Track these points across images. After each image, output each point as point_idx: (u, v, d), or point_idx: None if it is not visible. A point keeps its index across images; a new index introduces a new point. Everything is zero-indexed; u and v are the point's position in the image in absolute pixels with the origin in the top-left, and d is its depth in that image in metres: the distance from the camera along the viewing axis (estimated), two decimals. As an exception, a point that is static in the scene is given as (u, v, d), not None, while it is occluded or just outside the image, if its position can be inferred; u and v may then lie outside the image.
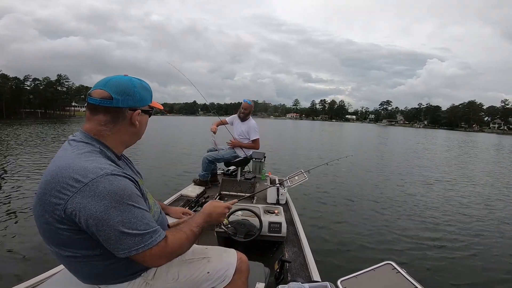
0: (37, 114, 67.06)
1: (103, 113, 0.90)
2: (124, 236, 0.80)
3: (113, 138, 0.93)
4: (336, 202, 5.53)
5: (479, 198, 6.24)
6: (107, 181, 0.78)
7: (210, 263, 1.12)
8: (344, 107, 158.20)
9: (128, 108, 0.92)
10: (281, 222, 2.15)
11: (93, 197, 0.76)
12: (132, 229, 0.80)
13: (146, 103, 0.99)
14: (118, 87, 0.90)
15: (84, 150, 0.85)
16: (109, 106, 0.89)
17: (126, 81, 0.93)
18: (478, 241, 3.89)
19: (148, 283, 0.99)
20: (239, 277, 1.14)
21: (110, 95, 0.89)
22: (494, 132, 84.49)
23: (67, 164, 0.81)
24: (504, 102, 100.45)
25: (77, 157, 0.82)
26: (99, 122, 0.90)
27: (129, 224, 0.80)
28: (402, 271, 1.07)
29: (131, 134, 0.98)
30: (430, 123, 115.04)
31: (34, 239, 3.33)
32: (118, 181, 0.81)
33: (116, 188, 0.79)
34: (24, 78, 68.38)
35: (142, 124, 1.00)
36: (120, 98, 0.90)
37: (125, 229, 0.79)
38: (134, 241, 0.81)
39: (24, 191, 5.44)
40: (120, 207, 0.79)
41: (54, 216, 0.79)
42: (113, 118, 0.91)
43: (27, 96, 67.43)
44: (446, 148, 19.86)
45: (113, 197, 0.78)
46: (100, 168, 0.80)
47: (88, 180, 0.77)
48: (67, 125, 31.50)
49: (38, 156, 9.81)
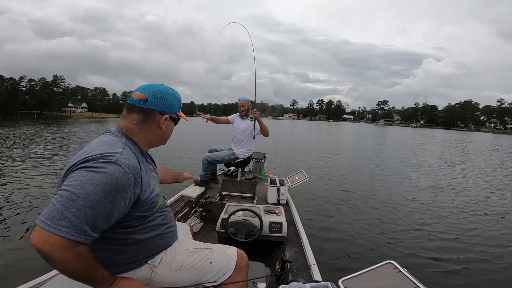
0: (33, 115, 66.45)
1: (137, 113, 1.01)
2: (54, 207, 0.77)
3: (141, 137, 1.03)
4: (337, 201, 5.54)
5: (481, 198, 6.25)
6: (107, 169, 0.83)
7: (213, 254, 1.17)
8: (342, 107, 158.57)
9: (158, 112, 1.03)
10: (282, 222, 2.15)
11: (80, 175, 0.81)
12: (66, 211, 0.77)
13: (175, 110, 1.09)
14: (153, 92, 1.02)
15: (110, 140, 0.95)
16: (143, 107, 1.01)
17: (161, 88, 1.05)
18: (480, 241, 3.90)
19: (153, 270, 1.04)
20: (239, 272, 1.18)
21: (146, 98, 1.01)
22: (490, 132, 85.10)
23: (91, 145, 0.92)
24: (500, 101, 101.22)
25: (101, 143, 0.92)
26: (132, 120, 1.01)
27: (70, 206, 0.77)
28: (404, 270, 1.07)
29: (157, 136, 1.07)
30: (427, 122, 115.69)
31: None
32: (116, 167, 0.85)
33: (103, 182, 0.81)
34: (19, 79, 67.76)
35: (168, 130, 1.09)
36: (153, 101, 1.01)
37: (61, 204, 0.77)
38: (55, 215, 0.76)
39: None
40: (94, 188, 0.79)
41: (61, 184, 0.85)
42: (144, 118, 1.02)
43: (23, 97, 66.78)
44: (446, 148, 19.87)
45: (91, 187, 0.79)
46: (110, 152, 0.88)
47: (100, 162, 0.84)
48: (61, 127, 29.86)
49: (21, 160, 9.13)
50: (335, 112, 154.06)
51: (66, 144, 13.97)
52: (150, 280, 1.05)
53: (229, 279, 1.15)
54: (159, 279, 1.06)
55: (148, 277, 1.04)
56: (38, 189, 5.72)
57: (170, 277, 1.08)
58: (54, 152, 11.02)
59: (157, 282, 1.06)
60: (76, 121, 53.39)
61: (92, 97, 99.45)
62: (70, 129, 26.34)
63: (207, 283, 1.14)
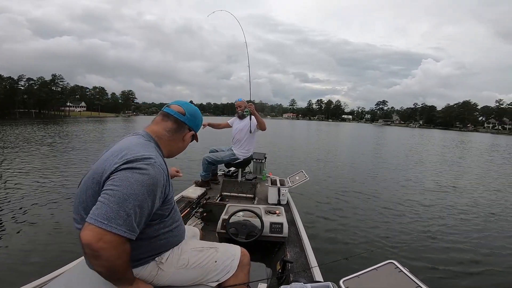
0: (32, 114, 66.17)
1: (172, 122, 1.14)
2: (105, 206, 0.83)
3: (166, 144, 1.13)
4: (338, 202, 5.55)
5: (481, 198, 6.26)
6: (148, 165, 0.93)
7: (218, 253, 1.21)
8: (341, 107, 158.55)
9: (188, 127, 1.18)
10: (283, 222, 2.15)
11: (127, 176, 0.88)
12: (120, 209, 0.83)
13: (196, 130, 1.24)
14: (190, 110, 1.18)
15: (142, 142, 1.03)
16: (179, 119, 1.14)
17: (196, 109, 1.22)
18: (481, 240, 3.91)
19: (160, 268, 1.07)
20: (241, 269, 1.23)
21: (184, 112, 1.16)
22: (489, 132, 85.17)
23: (126, 146, 0.97)
24: (499, 102, 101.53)
25: (136, 144, 1.00)
26: (165, 127, 1.13)
27: (121, 205, 0.84)
28: (405, 270, 1.07)
29: (177, 148, 1.19)
30: (425, 123, 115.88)
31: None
32: (155, 168, 0.94)
33: (148, 181, 0.90)
34: (18, 78, 67.53)
35: (186, 144, 1.22)
36: (189, 117, 1.17)
37: (114, 201, 0.84)
38: (108, 215, 0.82)
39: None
40: (141, 188, 0.88)
41: (101, 182, 0.91)
42: (176, 129, 1.14)
43: (21, 96, 66.53)
44: (445, 149, 19.82)
45: (136, 187, 0.87)
46: (153, 156, 0.97)
47: (142, 160, 0.93)
48: (58, 126, 29.76)
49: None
50: (334, 112, 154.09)
51: (60, 144, 13.86)
52: (156, 277, 1.07)
53: (232, 277, 1.19)
54: (164, 276, 1.08)
55: (155, 274, 1.06)
56: (33, 190, 5.70)
57: (176, 275, 1.10)
58: (48, 153, 10.96)
59: (163, 279, 1.08)
60: (74, 120, 53.17)
61: (91, 97, 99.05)
62: (69, 128, 26.03)
63: (211, 282, 1.16)
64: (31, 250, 3.28)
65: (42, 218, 4.26)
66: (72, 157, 9.87)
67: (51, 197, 5.23)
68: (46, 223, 4.06)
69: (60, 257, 3.04)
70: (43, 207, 4.71)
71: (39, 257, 3.12)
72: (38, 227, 3.94)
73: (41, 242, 3.48)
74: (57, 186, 6.01)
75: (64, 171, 7.48)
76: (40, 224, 4.03)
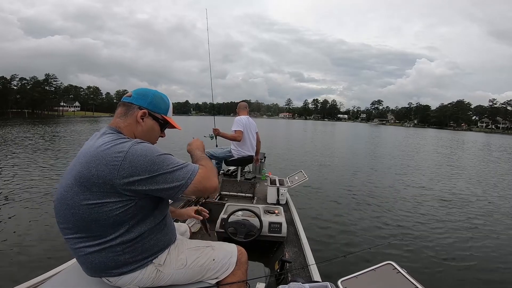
0: (25, 114, 65.27)
1: (121, 107, 1.10)
2: (175, 172, 0.96)
3: (127, 130, 1.07)
4: (336, 201, 5.54)
5: (481, 198, 6.20)
6: (140, 145, 0.95)
7: (215, 251, 1.21)
8: (336, 107, 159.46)
9: (138, 106, 1.08)
10: (281, 222, 2.15)
11: (138, 157, 0.92)
12: (177, 165, 0.97)
13: (157, 110, 1.12)
14: (139, 90, 1.13)
15: (112, 136, 1.00)
16: (125, 101, 1.10)
17: (147, 89, 1.15)
18: (480, 240, 3.89)
19: (159, 270, 1.07)
20: (239, 267, 1.23)
21: (131, 94, 1.11)
22: (482, 131, 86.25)
23: (102, 144, 0.94)
24: (492, 101, 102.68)
25: (108, 138, 0.97)
26: (117, 114, 1.10)
27: (173, 163, 0.97)
28: (403, 271, 1.08)
29: (140, 133, 1.09)
30: (420, 122, 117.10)
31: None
32: (146, 144, 0.98)
33: (150, 147, 0.97)
34: (11, 78, 66.61)
35: (148, 128, 1.11)
36: (136, 97, 1.10)
37: (173, 167, 0.96)
38: (184, 171, 0.97)
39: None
40: (160, 157, 0.95)
41: (104, 188, 0.90)
42: (125, 112, 1.08)
43: (14, 96, 65.62)
44: (443, 148, 19.83)
45: (152, 153, 0.94)
46: (129, 140, 0.98)
47: (127, 148, 0.92)
48: (47, 126, 27.28)
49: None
50: (330, 111, 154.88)
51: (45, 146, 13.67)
52: (156, 279, 1.07)
53: (230, 275, 1.19)
54: (164, 277, 1.08)
55: (154, 276, 1.06)
56: (25, 189, 5.63)
57: (175, 275, 1.10)
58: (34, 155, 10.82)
59: (163, 281, 1.09)
60: (68, 119, 52.55)
61: (85, 96, 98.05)
62: (59, 129, 24.88)
63: (210, 279, 1.17)
64: (24, 250, 3.24)
65: (36, 217, 4.23)
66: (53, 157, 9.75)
67: (44, 197, 5.17)
68: (39, 223, 4.03)
69: (54, 257, 3.01)
70: (36, 206, 4.67)
71: (32, 257, 3.08)
72: (31, 227, 3.91)
73: (34, 243, 3.45)
74: (49, 186, 5.95)
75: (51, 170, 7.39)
76: (33, 224, 4.00)
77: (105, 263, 0.97)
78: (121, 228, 0.96)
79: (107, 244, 0.96)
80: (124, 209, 0.94)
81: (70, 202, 0.93)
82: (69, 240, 0.98)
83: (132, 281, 1.03)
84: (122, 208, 0.93)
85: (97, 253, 0.96)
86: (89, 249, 0.96)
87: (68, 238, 0.98)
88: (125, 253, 0.99)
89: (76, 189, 0.92)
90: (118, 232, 0.96)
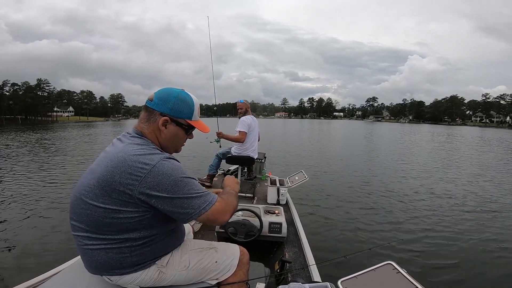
0: (18, 120, 64.37)
1: (144, 111, 1.08)
2: (193, 199, 0.97)
3: (151, 136, 1.06)
4: (336, 201, 5.52)
5: (481, 197, 6.06)
6: (168, 162, 0.96)
7: (218, 253, 1.21)
8: (332, 105, 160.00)
9: (159, 113, 1.05)
10: (282, 222, 2.15)
11: (163, 175, 0.92)
12: (197, 192, 0.99)
13: (180, 115, 1.08)
14: (161, 93, 1.07)
15: (139, 142, 1.01)
16: (148, 106, 1.06)
17: (170, 91, 1.08)
18: (480, 240, 3.85)
19: (161, 271, 1.07)
20: (241, 268, 1.23)
21: (152, 97, 1.06)
22: (477, 125, 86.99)
23: (131, 151, 0.95)
24: (485, 96, 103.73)
25: (137, 147, 0.98)
26: (141, 118, 1.08)
27: (194, 190, 0.98)
28: (403, 271, 1.08)
29: (163, 140, 1.08)
30: (415, 118, 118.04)
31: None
32: (175, 162, 0.99)
33: (177, 166, 0.97)
34: (2, 84, 65.69)
35: (172, 135, 1.08)
36: (156, 101, 1.05)
37: (192, 194, 0.97)
38: (201, 200, 0.99)
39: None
40: (184, 179, 0.97)
41: (124, 196, 0.92)
42: (148, 117, 1.06)
43: (7, 102, 64.75)
44: (441, 144, 19.74)
45: (177, 173, 0.95)
46: (159, 154, 0.98)
47: (155, 162, 0.93)
48: (37, 134, 25.05)
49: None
50: (325, 109, 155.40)
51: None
52: (158, 279, 1.07)
53: (231, 275, 1.20)
54: (166, 278, 1.09)
55: (156, 277, 1.07)
56: (29, 189, 5.56)
57: (177, 276, 1.11)
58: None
59: (164, 281, 1.09)
60: (64, 125, 52.01)
61: (79, 101, 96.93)
62: (48, 136, 23.04)
63: (210, 280, 1.18)
64: (28, 248, 3.27)
65: (39, 215, 4.29)
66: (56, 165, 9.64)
67: (49, 195, 5.21)
68: (43, 221, 4.08)
69: (57, 255, 3.04)
70: (40, 205, 4.72)
71: (35, 255, 3.11)
72: (35, 225, 3.96)
73: (37, 241, 3.48)
74: (53, 186, 5.92)
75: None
76: (37, 222, 4.06)
77: (109, 262, 0.98)
78: (133, 234, 0.98)
79: (116, 245, 0.97)
80: (140, 218, 0.96)
81: (88, 202, 0.94)
82: (77, 236, 0.99)
83: (133, 281, 1.04)
84: (137, 218, 0.95)
85: (103, 253, 0.97)
86: (96, 247, 0.97)
87: (76, 234, 0.99)
88: (132, 256, 1.00)
89: (97, 192, 0.93)
90: (128, 236, 0.97)
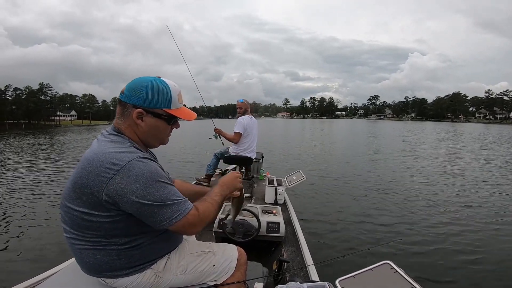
0: (21, 125, 64.99)
1: (118, 105, 0.99)
2: (164, 207, 0.89)
3: (128, 132, 0.98)
4: (334, 201, 5.51)
5: (481, 197, 5.95)
6: (140, 163, 0.88)
7: (216, 256, 1.19)
8: (334, 104, 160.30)
9: (132, 105, 0.96)
10: (279, 222, 2.16)
11: (132, 177, 0.85)
12: (169, 200, 0.90)
13: (155, 105, 0.96)
14: (132, 84, 0.97)
15: (113, 139, 0.94)
16: (120, 100, 0.98)
17: (142, 80, 0.97)
18: (478, 240, 3.81)
19: (157, 275, 1.04)
20: (238, 269, 1.22)
21: (123, 90, 0.98)
22: (481, 122, 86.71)
23: (102, 151, 0.89)
24: (488, 92, 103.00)
25: (110, 145, 0.91)
26: (117, 113, 1.00)
27: (166, 197, 0.90)
28: (400, 270, 1.08)
29: (141, 133, 0.99)
30: (418, 115, 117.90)
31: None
32: (149, 162, 0.91)
33: (150, 168, 0.89)
34: (5, 88, 66.35)
35: (150, 127, 0.98)
36: (128, 93, 0.96)
37: (164, 201, 0.89)
38: (173, 209, 0.90)
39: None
40: (156, 184, 0.88)
41: (92, 199, 0.86)
42: (122, 111, 0.98)
43: (10, 107, 65.43)
44: (446, 141, 19.46)
45: (149, 176, 0.87)
46: (132, 153, 0.90)
47: (125, 163, 0.86)
48: (36, 138, 24.76)
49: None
50: (327, 109, 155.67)
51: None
52: (155, 284, 1.04)
53: (229, 277, 1.18)
54: (163, 282, 1.07)
55: (152, 282, 1.04)
56: (26, 192, 5.58)
57: (174, 280, 1.09)
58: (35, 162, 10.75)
59: (161, 285, 1.07)
60: (66, 129, 52.51)
61: (81, 105, 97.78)
62: (46, 141, 22.66)
63: (208, 282, 1.16)
64: (24, 249, 3.30)
65: (35, 218, 4.34)
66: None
67: (44, 197, 5.24)
68: (39, 223, 4.13)
69: (54, 256, 3.06)
70: (36, 207, 4.76)
71: (31, 256, 3.14)
72: (30, 227, 3.99)
73: (33, 242, 3.51)
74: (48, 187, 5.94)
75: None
76: (32, 224, 4.09)
77: (99, 265, 0.95)
78: (115, 238, 0.93)
79: (101, 247, 0.93)
80: (114, 223, 0.90)
81: (67, 205, 0.92)
82: (67, 238, 0.97)
83: (129, 284, 1.00)
84: (111, 222, 0.90)
85: (91, 255, 0.94)
86: (84, 248, 0.94)
87: (66, 236, 0.97)
88: (121, 259, 0.96)
89: (72, 194, 0.90)
90: (111, 239, 0.93)
